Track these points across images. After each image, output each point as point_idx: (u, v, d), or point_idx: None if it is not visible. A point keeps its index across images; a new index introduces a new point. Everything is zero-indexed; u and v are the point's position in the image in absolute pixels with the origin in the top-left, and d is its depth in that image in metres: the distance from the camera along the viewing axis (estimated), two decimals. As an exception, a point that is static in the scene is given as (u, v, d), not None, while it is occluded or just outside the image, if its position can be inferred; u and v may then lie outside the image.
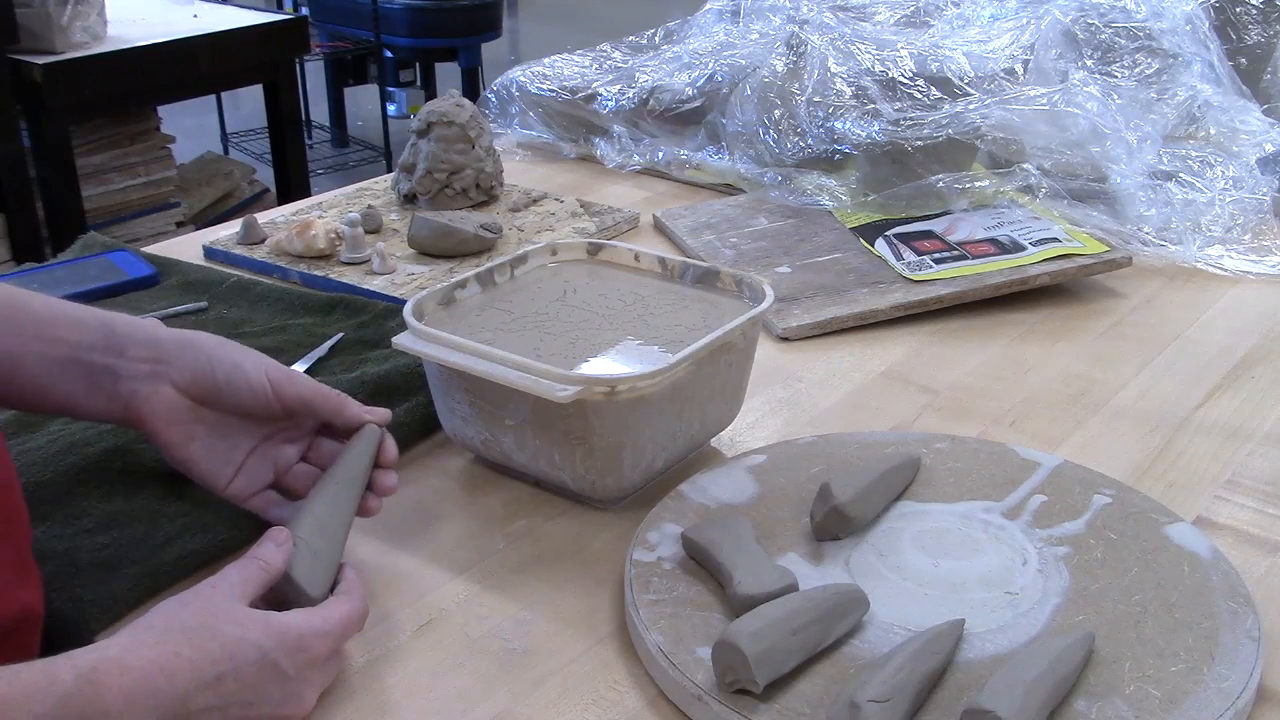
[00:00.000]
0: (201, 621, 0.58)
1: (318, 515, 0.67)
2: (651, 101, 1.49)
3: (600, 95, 1.51)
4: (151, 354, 0.70)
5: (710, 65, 1.48)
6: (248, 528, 0.74)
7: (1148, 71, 1.40)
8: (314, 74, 4.67)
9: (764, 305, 0.83)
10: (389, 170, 2.66)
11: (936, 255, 1.15)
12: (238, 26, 2.84)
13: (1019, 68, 1.34)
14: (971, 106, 1.26)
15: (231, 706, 0.57)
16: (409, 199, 1.32)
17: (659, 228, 1.32)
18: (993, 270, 1.12)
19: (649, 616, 0.67)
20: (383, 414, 0.73)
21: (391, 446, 0.74)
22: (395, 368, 0.91)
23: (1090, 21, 1.42)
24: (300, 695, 0.60)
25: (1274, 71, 1.54)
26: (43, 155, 2.59)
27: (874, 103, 1.30)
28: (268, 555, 0.64)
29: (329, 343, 1.00)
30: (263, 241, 1.22)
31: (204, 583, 0.61)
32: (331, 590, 0.66)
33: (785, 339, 1.05)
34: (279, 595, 0.64)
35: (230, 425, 0.72)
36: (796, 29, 1.41)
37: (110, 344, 0.70)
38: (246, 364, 0.71)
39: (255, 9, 3.13)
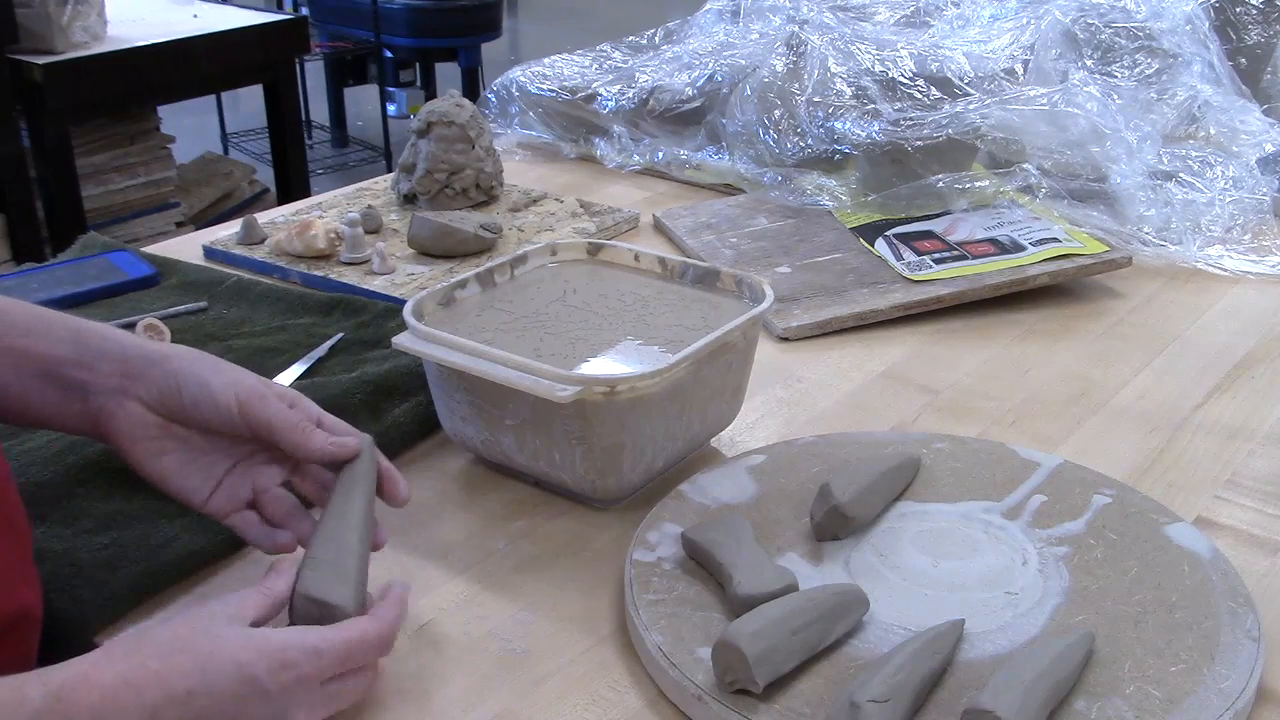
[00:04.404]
0: (177, 635, 0.56)
1: (329, 529, 0.65)
2: (651, 101, 1.49)
3: (600, 95, 1.51)
4: (120, 369, 0.68)
5: (710, 65, 1.48)
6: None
7: (1148, 71, 1.40)
8: (314, 74, 4.67)
9: (764, 305, 0.83)
10: (389, 170, 2.66)
11: (936, 255, 1.15)
12: (238, 26, 2.84)
13: (1019, 68, 1.34)
14: (971, 106, 1.26)
15: None
16: (409, 199, 1.32)
17: (659, 228, 1.32)
18: (992, 270, 1.12)
19: (649, 616, 0.67)
20: (351, 448, 0.70)
21: (404, 489, 0.72)
22: (395, 368, 0.91)
23: (1090, 21, 1.42)
24: (286, 715, 0.57)
25: (1274, 71, 1.54)
26: (43, 155, 2.59)
27: (874, 103, 1.30)
28: (270, 582, 0.62)
29: (329, 343, 1.00)
30: (263, 241, 1.22)
31: (198, 604, 0.60)
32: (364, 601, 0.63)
33: (785, 339, 1.05)
34: (308, 618, 0.62)
35: (208, 441, 0.70)
36: (796, 29, 1.41)
37: (81, 359, 0.68)
38: (215, 382, 0.68)
39: (255, 9, 3.13)
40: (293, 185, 3.05)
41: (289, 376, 0.94)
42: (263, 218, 1.27)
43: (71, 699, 0.52)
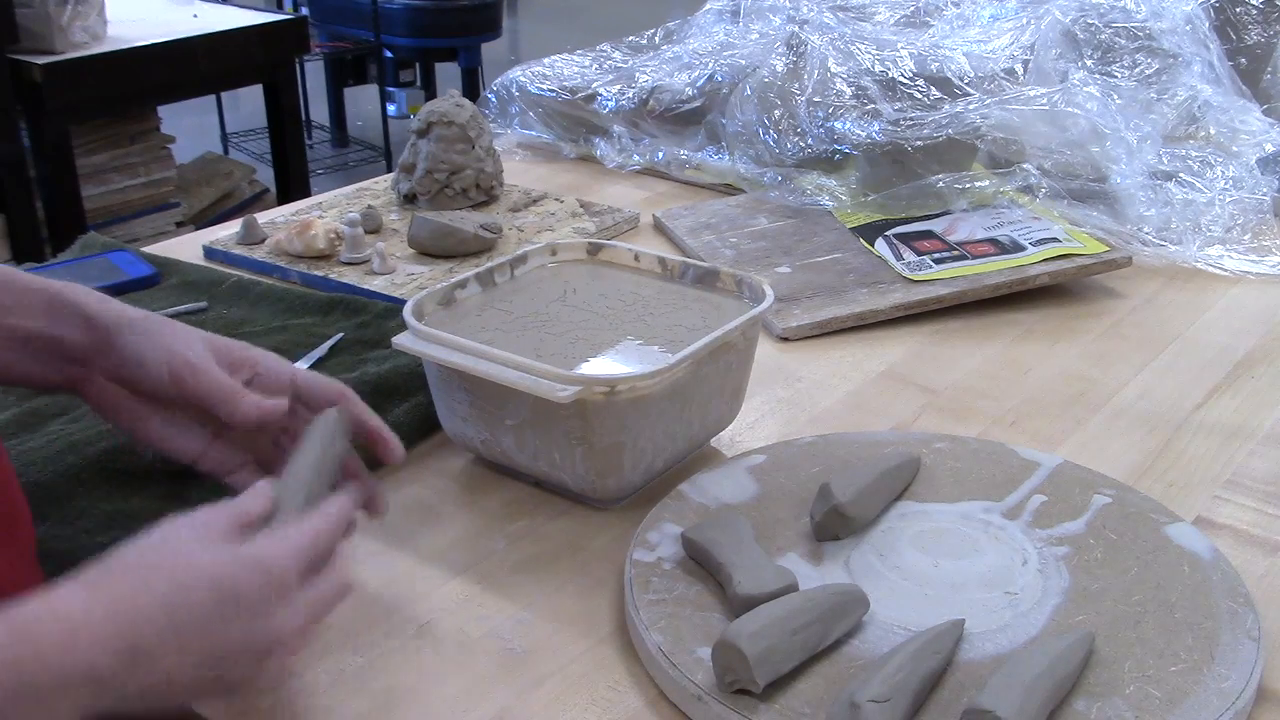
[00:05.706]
0: (145, 558, 0.54)
1: (275, 484, 0.64)
2: (651, 101, 1.49)
3: (600, 95, 1.51)
4: (84, 340, 0.70)
5: (710, 65, 1.48)
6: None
7: (1148, 71, 1.40)
8: (314, 74, 4.67)
9: (764, 305, 0.83)
10: (389, 170, 2.66)
11: (936, 255, 1.15)
12: (238, 26, 2.84)
13: (1019, 68, 1.34)
14: (971, 106, 1.26)
15: (189, 638, 0.53)
16: (409, 199, 1.32)
17: (659, 228, 1.32)
18: (992, 270, 1.12)
19: (649, 616, 0.67)
20: (272, 410, 0.68)
21: (396, 447, 0.73)
22: (395, 368, 0.91)
23: (1090, 21, 1.42)
24: (269, 623, 0.55)
25: (1274, 71, 1.54)
26: (43, 155, 2.59)
27: (874, 103, 1.30)
28: (245, 503, 0.60)
29: (329, 343, 1.00)
30: (263, 241, 1.22)
31: (165, 522, 0.57)
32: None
33: (785, 339, 1.05)
34: None
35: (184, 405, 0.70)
36: (796, 29, 1.41)
37: (53, 332, 0.70)
38: (151, 358, 0.68)
39: (255, 9, 3.13)
40: (293, 185, 3.05)
41: (289, 376, 0.94)
42: (263, 218, 1.27)
43: (36, 633, 0.49)
